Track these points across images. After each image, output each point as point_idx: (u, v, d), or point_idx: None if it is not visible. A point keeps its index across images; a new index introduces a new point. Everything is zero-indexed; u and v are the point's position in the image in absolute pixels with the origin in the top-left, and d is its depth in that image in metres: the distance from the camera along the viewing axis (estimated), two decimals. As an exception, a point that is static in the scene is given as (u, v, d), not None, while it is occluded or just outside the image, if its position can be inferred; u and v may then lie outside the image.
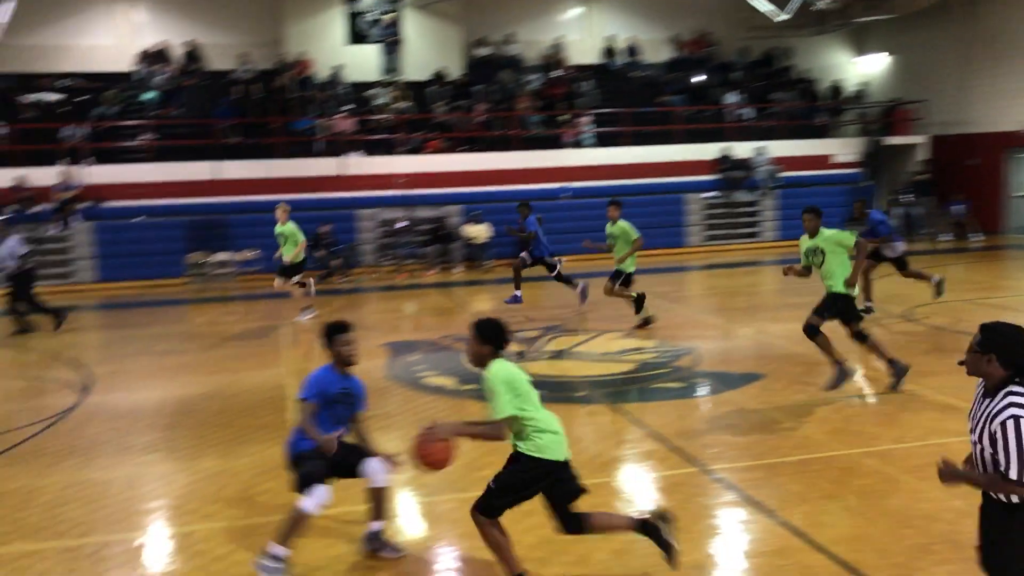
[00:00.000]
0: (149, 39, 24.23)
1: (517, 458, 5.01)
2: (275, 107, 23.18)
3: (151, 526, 6.55)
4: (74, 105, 22.56)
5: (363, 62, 24.82)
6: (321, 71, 24.27)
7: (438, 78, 24.84)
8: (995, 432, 3.73)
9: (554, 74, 25.60)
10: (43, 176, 20.39)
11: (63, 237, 20.26)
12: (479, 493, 6.83)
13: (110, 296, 19.28)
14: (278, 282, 14.90)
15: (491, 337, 4.95)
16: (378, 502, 5.68)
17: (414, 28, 25.47)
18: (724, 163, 24.11)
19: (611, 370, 10.67)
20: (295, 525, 5.30)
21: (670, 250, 22.71)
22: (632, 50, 26.84)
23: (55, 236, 20.19)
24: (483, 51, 26.04)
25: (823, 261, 9.07)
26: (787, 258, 15.14)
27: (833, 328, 9.07)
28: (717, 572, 5.52)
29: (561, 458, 5.02)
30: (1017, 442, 3.66)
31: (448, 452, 4.88)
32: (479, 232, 21.51)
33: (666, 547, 5.16)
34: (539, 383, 9.94)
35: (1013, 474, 3.71)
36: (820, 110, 26.82)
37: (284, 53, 24.38)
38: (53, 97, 22.68)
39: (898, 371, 9.10)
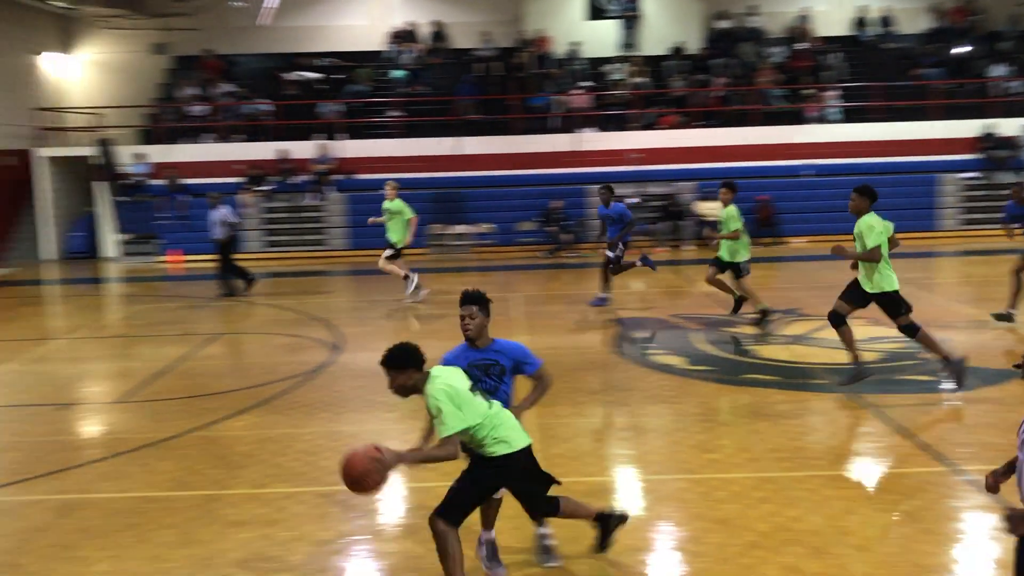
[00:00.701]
0: (399, 19, 25.51)
1: (488, 463, 4.72)
2: (514, 84, 23.72)
3: (394, 479, 6.92)
4: (330, 82, 24.17)
5: (600, 37, 24.86)
6: (559, 47, 24.55)
7: (676, 52, 24.46)
8: None
9: (799, 46, 24.50)
10: (302, 149, 22.05)
11: (318, 207, 21.81)
12: (708, 475, 6.73)
13: (358, 263, 20.54)
14: (383, 262, 14.50)
15: (409, 362, 4.65)
16: None
17: (653, 2, 25.19)
18: (987, 141, 22.18)
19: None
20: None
21: (921, 234, 21.20)
22: (886, 20, 25.18)
23: (311, 206, 21.79)
24: (724, 24, 25.34)
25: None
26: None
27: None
28: (968, 580, 5.14)
29: (527, 443, 4.79)
30: None
31: (365, 469, 4.34)
32: (712, 209, 21.02)
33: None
34: (773, 368, 9.71)
35: None
36: (1105, 83, 24.01)
37: (524, 31, 24.88)
38: (312, 75, 24.42)
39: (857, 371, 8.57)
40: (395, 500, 6.51)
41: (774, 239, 20.77)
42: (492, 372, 5.23)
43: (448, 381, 4.63)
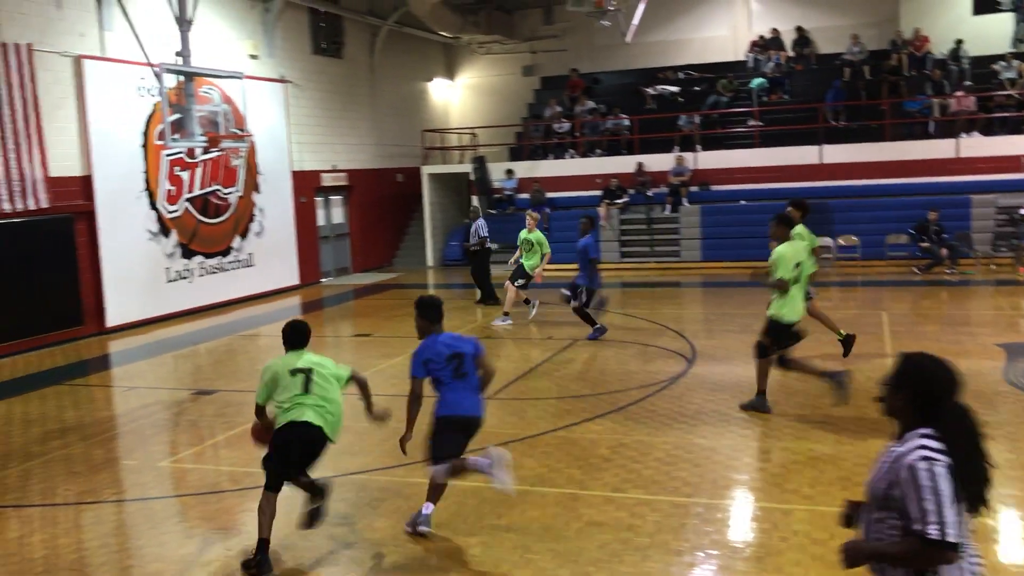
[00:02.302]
0: (761, 27, 24.98)
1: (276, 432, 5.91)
2: (885, 87, 22.24)
3: (751, 498, 6.77)
4: (689, 95, 24.23)
5: (989, 33, 22.58)
6: (939, 47, 22.63)
7: (1083, 44, 21.53)
8: (902, 477, 2.98)
9: None
10: (659, 162, 22.32)
11: (673, 219, 21.92)
12: None
13: (712, 275, 20.37)
14: (508, 284, 14.83)
15: (283, 337, 6.10)
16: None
17: (1055, -10, 22.38)
18: None
19: None
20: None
21: None
22: None
23: (666, 217, 21.95)
24: None
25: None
26: None
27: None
28: None
29: (302, 419, 5.79)
30: (933, 487, 2.92)
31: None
32: None
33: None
34: None
35: (934, 530, 2.87)
36: None
37: (898, 31, 23.25)
38: (671, 88, 24.63)
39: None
40: (753, 520, 6.33)
41: None
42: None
43: (274, 366, 5.94)
